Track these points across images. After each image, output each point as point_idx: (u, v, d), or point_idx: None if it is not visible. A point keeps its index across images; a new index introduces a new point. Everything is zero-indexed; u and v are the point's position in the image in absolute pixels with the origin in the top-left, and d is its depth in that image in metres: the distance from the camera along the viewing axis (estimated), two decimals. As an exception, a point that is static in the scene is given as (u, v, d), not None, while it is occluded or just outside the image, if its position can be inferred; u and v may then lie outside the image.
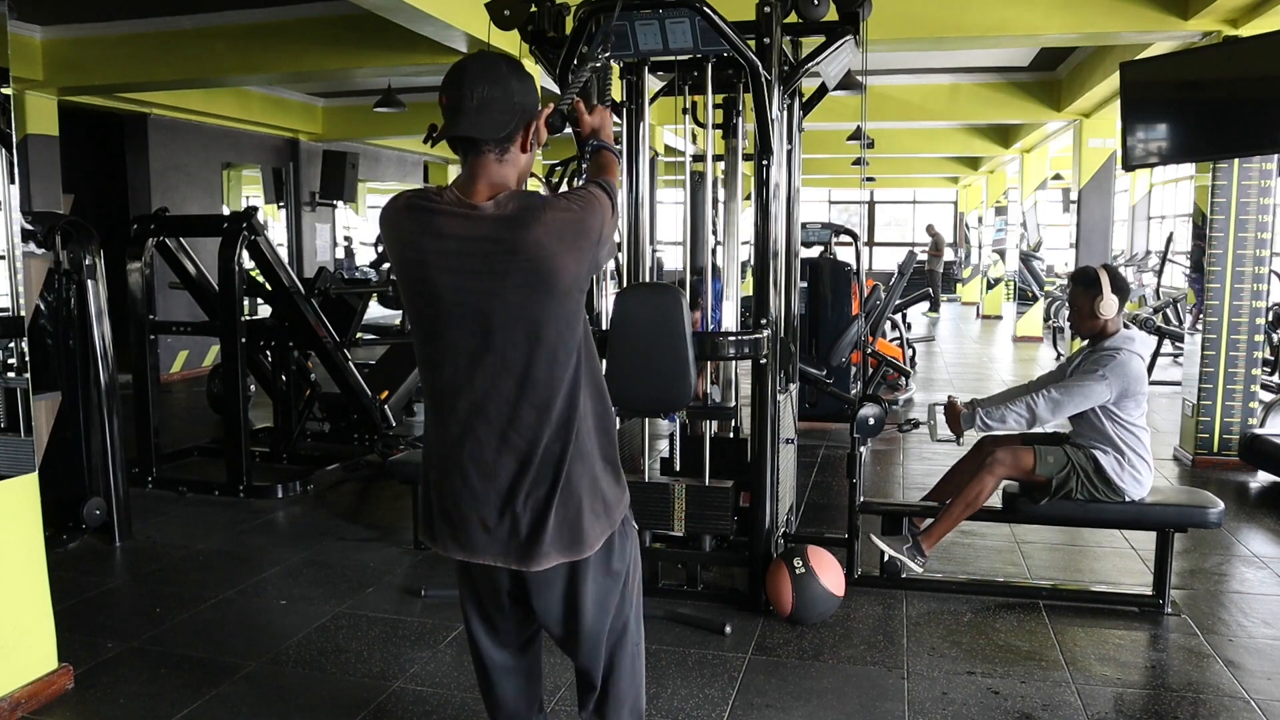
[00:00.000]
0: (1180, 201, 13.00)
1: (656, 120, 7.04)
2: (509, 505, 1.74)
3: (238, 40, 6.81)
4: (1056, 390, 3.44)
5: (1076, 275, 3.63)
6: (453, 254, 1.68)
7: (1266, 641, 3.27)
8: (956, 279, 19.38)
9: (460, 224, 1.68)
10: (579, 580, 1.83)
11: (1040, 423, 3.47)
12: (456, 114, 1.67)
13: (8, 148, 2.76)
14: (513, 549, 1.76)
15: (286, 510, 4.88)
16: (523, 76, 1.72)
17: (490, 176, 1.71)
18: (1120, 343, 3.45)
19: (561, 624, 1.88)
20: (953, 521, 3.60)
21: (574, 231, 1.68)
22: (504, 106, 1.68)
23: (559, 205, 1.69)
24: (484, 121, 1.68)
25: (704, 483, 3.54)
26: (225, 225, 5.15)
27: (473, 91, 1.66)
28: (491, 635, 1.96)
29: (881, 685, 2.94)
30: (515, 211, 1.66)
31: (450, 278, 1.69)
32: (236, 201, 10.94)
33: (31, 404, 2.84)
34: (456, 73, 1.70)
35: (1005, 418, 3.48)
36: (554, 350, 1.71)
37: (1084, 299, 3.50)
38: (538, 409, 1.72)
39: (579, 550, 1.78)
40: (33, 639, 2.84)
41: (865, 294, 6.59)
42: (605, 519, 1.81)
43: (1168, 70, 5.64)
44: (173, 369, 9.29)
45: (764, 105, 3.29)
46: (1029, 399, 3.45)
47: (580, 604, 1.85)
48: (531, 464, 1.73)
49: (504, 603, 1.90)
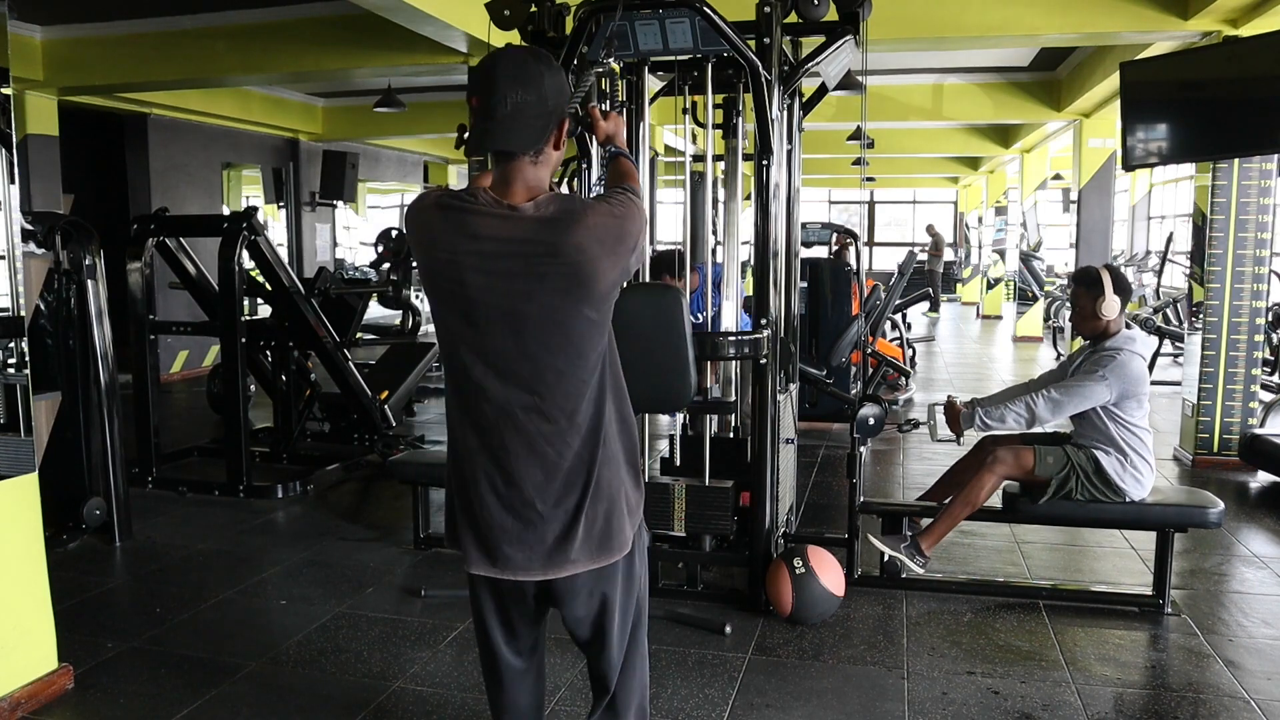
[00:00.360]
0: (1180, 201, 13.00)
1: (656, 120, 7.03)
2: (537, 512, 1.72)
3: (238, 40, 6.81)
4: (1056, 390, 3.44)
5: (1078, 275, 3.62)
6: (490, 255, 1.65)
7: (1266, 641, 3.27)
8: (956, 279, 19.39)
9: (499, 225, 1.65)
10: (609, 584, 1.81)
11: (1040, 423, 3.47)
12: (489, 121, 1.63)
13: (8, 148, 2.76)
14: (541, 557, 1.74)
15: (286, 510, 4.88)
16: (554, 73, 1.67)
17: (527, 179, 1.68)
18: (1121, 343, 3.44)
19: (590, 629, 1.87)
20: (952, 521, 3.60)
21: (614, 236, 1.66)
22: (538, 111, 1.64)
23: (600, 210, 1.68)
24: (520, 132, 1.64)
25: (704, 483, 3.54)
26: (225, 225, 5.15)
27: (505, 97, 1.61)
28: (511, 642, 1.93)
29: (881, 685, 2.94)
30: (556, 214, 1.64)
31: (485, 279, 1.65)
32: (236, 201, 10.93)
33: (31, 404, 2.84)
34: (487, 73, 1.64)
35: (1005, 417, 3.48)
36: (584, 355, 1.69)
37: (1086, 299, 3.49)
38: (567, 415, 1.70)
39: (608, 555, 1.76)
40: (33, 639, 2.84)
41: (865, 294, 6.59)
42: (631, 523, 1.80)
43: (1168, 70, 5.64)
44: (173, 369, 9.29)
45: (764, 105, 3.29)
46: (1029, 399, 3.45)
47: (610, 608, 1.84)
48: (560, 470, 1.71)
49: (529, 607, 1.88)
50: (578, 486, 1.72)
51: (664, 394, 3.17)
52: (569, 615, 1.86)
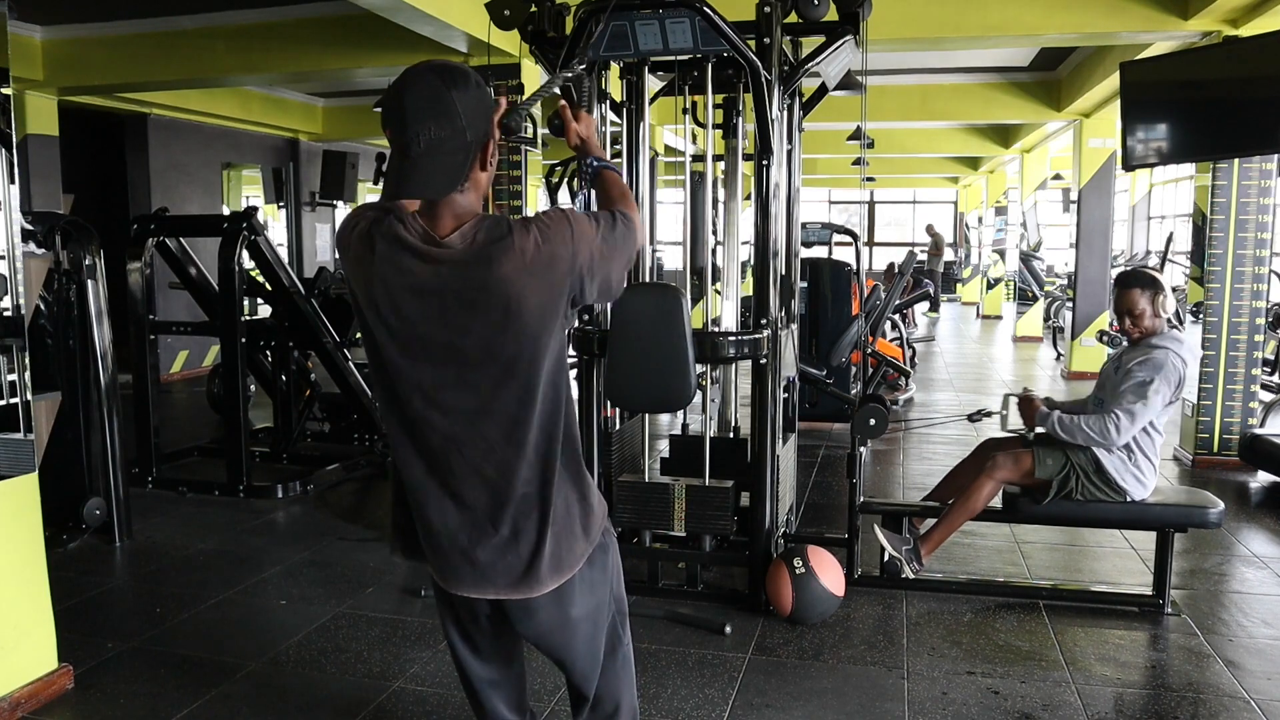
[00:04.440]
0: (1180, 201, 13.01)
1: (656, 120, 7.04)
2: (488, 538, 1.68)
3: (238, 40, 6.81)
4: (1126, 417, 3.30)
5: (1132, 278, 3.48)
6: (421, 291, 1.58)
7: (1266, 641, 3.27)
8: (956, 279, 19.39)
9: (428, 261, 1.58)
10: (563, 602, 1.77)
11: (1111, 446, 3.37)
12: (404, 161, 1.54)
13: (8, 148, 2.76)
14: (491, 579, 1.71)
15: (286, 510, 4.88)
16: (469, 94, 1.54)
17: (455, 208, 1.60)
18: (1167, 343, 3.37)
19: (553, 646, 1.85)
20: (952, 528, 3.61)
21: (543, 263, 1.58)
22: (455, 146, 1.54)
23: (529, 235, 1.58)
24: (437, 174, 1.54)
25: (704, 483, 3.54)
26: (225, 225, 5.15)
27: (418, 135, 1.51)
28: (474, 653, 1.92)
29: (881, 685, 2.94)
30: (482, 246, 1.57)
31: (419, 314, 1.60)
32: (236, 201, 10.93)
33: (31, 404, 2.84)
34: (396, 104, 1.53)
35: (1074, 434, 3.37)
36: (528, 386, 1.63)
37: (1144, 301, 3.41)
38: (514, 444, 1.65)
39: (558, 576, 1.72)
40: (33, 639, 2.84)
41: (865, 294, 6.59)
42: (584, 539, 1.76)
43: (1168, 70, 5.64)
44: (173, 369, 9.29)
45: (764, 105, 3.29)
46: (1103, 424, 3.31)
47: (571, 624, 1.80)
48: (509, 498, 1.67)
49: (483, 625, 1.86)
50: (527, 513, 1.68)
51: (664, 394, 3.17)
52: (525, 634, 1.83)
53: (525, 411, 1.65)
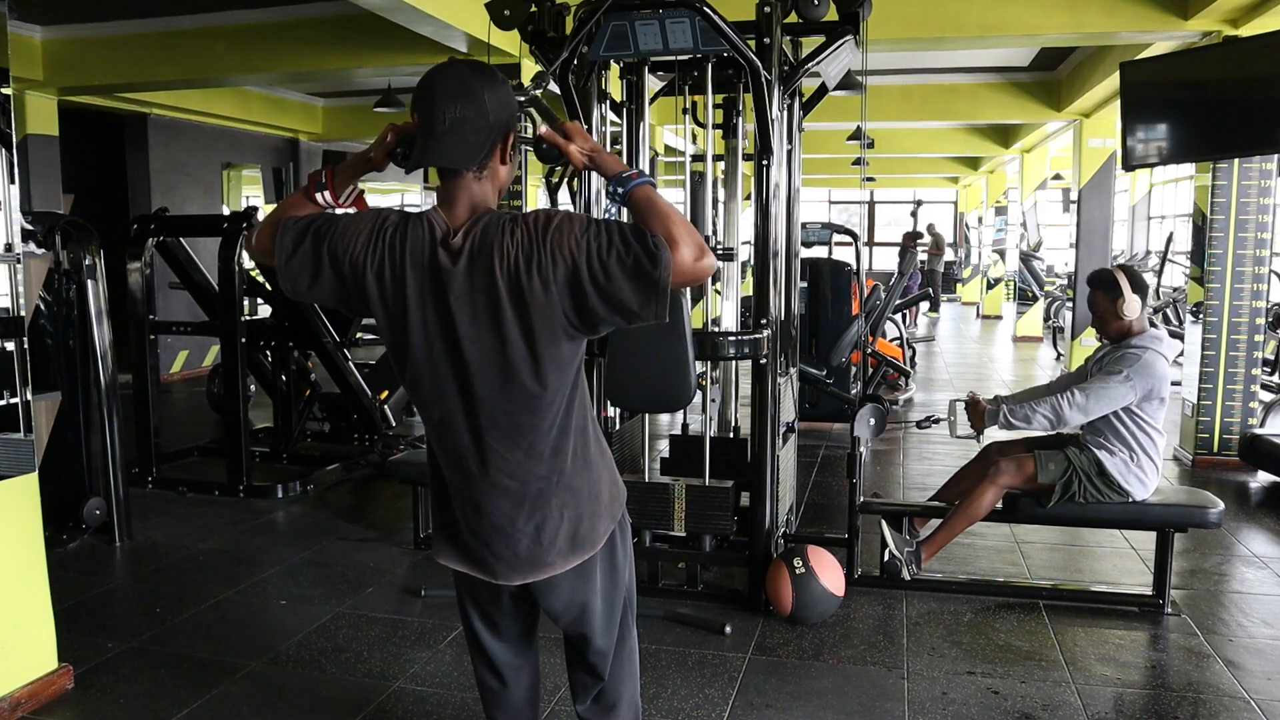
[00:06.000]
0: (1180, 201, 13.00)
1: (656, 120, 7.04)
2: (507, 533, 1.73)
3: (238, 40, 6.81)
4: (1081, 394, 3.36)
5: (1094, 279, 3.53)
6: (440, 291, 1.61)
7: (1266, 641, 3.27)
8: (956, 279, 19.39)
9: (446, 257, 1.61)
10: (587, 579, 1.82)
11: (1065, 425, 3.41)
12: (429, 138, 1.61)
13: (8, 148, 2.76)
14: (514, 566, 1.76)
15: (286, 510, 4.88)
16: (496, 87, 1.63)
17: (472, 196, 1.65)
18: (1146, 342, 3.39)
19: (574, 622, 1.89)
20: (953, 533, 3.61)
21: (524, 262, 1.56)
22: (478, 126, 1.61)
23: (516, 233, 1.57)
24: (459, 147, 1.61)
25: (704, 483, 3.54)
26: (225, 225, 5.15)
27: (444, 112, 1.59)
28: (494, 633, 1.95)
29: (881, 685, 2.94)
30: (478, 245, 1.59)
31: (438, 313, 1.62)
32: (236, 201, 10.93)
33: (31, 404, 2.84)
34: (426, 89, 1.62)
35: (1030, 418, 3.40)
36: (536, 379, 1.63)
37: (1105, 302, 3.44)
38: (524, 449, 1.69)
39: (581, 554, 1.78)
40: (33, 639, 2.84)
41: (865, 294, 6.59)
42: (607, 517, 1.81)
43: (1168, 70, 5.64)
44: (173, 369, 9.29)
45: (764, 105, 3.29)
46: (1055, 401, 3.36)
47: (591, 601, 1.85)
48: (525, 497, 1.71)
49: (505, 604, 1.90)
50: (544, 505, 1.72)
51: (664, 394, 3.17)
52: (549, 609, 1.87)
53: (535, 418, 1.67)
